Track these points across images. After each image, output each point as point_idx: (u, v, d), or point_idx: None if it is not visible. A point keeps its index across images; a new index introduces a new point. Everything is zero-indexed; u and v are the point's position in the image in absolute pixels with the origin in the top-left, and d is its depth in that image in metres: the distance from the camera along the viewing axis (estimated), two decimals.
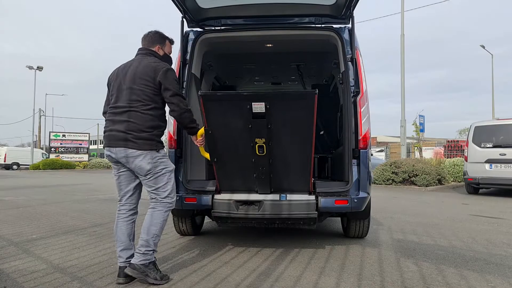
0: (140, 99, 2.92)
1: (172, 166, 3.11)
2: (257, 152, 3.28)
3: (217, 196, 3.62)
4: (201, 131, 3.29)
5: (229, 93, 3.86)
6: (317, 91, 3.03)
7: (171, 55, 3.35)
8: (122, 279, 2.88)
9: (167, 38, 3.30)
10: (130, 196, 3.06)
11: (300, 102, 3.09)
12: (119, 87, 3.00)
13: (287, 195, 3.52)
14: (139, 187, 3.10)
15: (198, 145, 3.37)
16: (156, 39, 3.22)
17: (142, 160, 2.89)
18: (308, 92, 3.29)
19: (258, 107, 3.04)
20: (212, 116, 3.21)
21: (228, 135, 3.28)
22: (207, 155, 3.47)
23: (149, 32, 3.24)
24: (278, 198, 3.50)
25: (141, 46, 3.22)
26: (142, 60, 3.05)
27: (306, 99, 3.08)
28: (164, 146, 3.12)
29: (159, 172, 2.97)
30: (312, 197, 3.50)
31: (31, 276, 3.00)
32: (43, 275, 3.02)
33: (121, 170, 3.03)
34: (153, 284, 2.83)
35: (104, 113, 3.16)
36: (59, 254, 3.67)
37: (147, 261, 2.87)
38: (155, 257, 2.99)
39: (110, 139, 2.97)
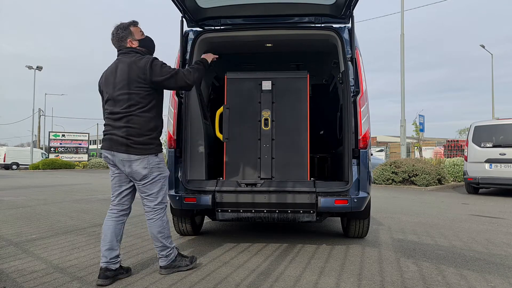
0: (135, 103, 2.90)
1: (167, 172, 3.12)
2: (263, 126, 4.01)
3: (222, 180, 3.86)
4: (220, 109, 4.11)
5: (246, 73, 4.35)
6: (308, 72, 4.08)
7: (145, 36, 3.13)
8: (102, 281, 2.81)
9: (129, 26, 3.06)
10: (123, 198, 3.05)
11: (296, 81, 4.09)
12: (113, 92, 2.94)
13: (288, 180, 3.84)
14: (133, 189, 3.08)
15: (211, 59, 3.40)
16: (120, 35, 3.03)
17: (138, 165, 2.90)
18: (301, 74, 4.16)
19: (267, 84, 4.07)
20: (231, 93, 4.11)
21: (241, 110, 4.08)
22: (221, 136, 4.10)
23: (111, 33, 3.07)
24: (280, 180, 3.89)
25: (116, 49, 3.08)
26: (125, 61, 2.96)
27: (300, 79, 4.08)
28: (162, 150, 3.12)
29: (154, 178, 2.98)
30: (311, 181, 3.76)
31: (31, 276, 2.99)
32: (42, 275, 3.02)
33: (116, 172, 3.02)
34: (189, 270, 3.11)
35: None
36: (59, 254, 3.67)
37: (173, 258, 3.08)
38: (176, 247, 3.18)
39: (109, 143, 2.96)
